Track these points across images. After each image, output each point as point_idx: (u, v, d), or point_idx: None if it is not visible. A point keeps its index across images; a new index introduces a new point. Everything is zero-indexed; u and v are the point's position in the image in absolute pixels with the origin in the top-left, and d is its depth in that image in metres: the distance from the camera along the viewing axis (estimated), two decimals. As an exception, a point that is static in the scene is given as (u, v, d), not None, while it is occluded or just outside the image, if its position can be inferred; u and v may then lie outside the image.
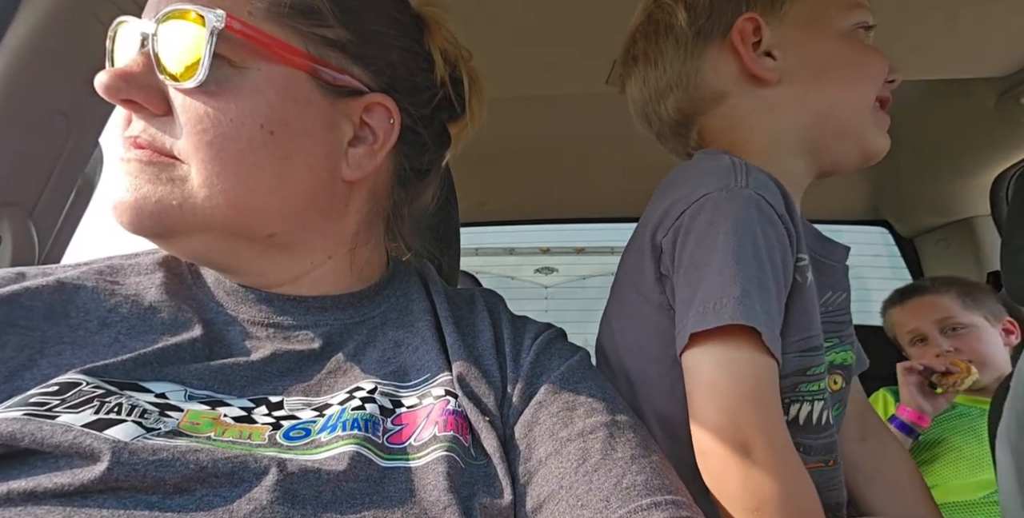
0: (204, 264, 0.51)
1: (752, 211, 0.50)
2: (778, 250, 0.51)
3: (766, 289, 0.48)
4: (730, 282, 0.47)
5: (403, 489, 0.38)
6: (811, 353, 0.55)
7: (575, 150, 1.62)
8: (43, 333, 0.42)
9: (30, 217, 0.71)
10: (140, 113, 0.43)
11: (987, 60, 1.11)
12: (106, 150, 0.41)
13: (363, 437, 0.40)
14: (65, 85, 0.72)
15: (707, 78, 0.64)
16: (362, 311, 0.52)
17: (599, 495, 0.39)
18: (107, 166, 0.42)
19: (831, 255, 0.64)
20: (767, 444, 0.44)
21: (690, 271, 0.51)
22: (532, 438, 0.45)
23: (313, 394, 0.45)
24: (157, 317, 0.45)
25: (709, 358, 0.48)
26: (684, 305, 0.50)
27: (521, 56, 1.08)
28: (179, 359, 0.43)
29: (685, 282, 0.51)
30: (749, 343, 0.46)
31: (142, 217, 0.42)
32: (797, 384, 0.55)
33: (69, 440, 0.34)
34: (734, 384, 0.46)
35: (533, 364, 0.50)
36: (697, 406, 0.47)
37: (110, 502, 0.33)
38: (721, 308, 0.46)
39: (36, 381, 0.39)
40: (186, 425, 0.38)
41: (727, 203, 0.51)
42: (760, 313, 0.46)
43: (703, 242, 0.51)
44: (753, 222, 0.50)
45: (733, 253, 0.48)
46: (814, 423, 0.56)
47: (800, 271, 0.55)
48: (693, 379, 0.48)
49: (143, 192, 0.42)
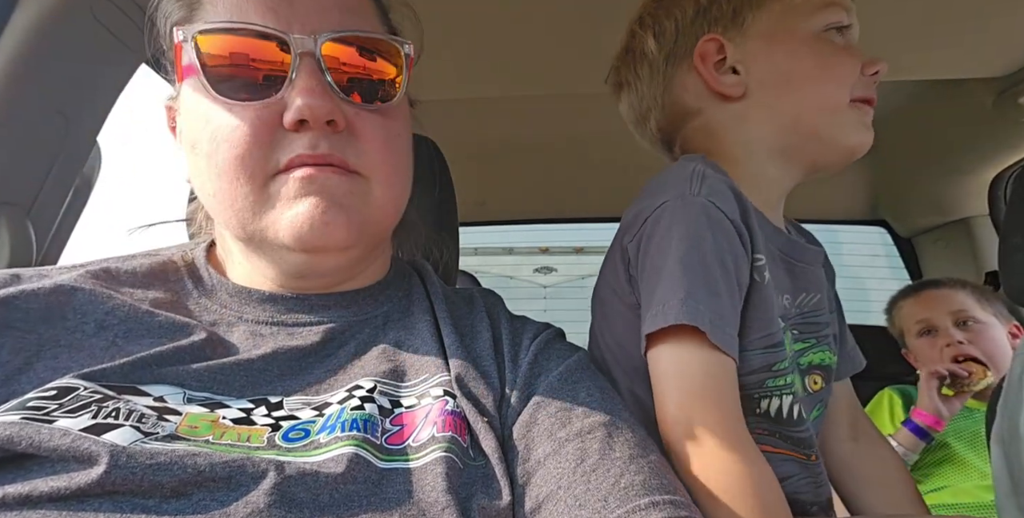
0: (308, 275, 0.50)
1: (702, 218, 0.54)
2: (728, 252, 0.54)
3: (713, 291, 0.51)
4: (677, 285, 0.51)
5: (401, 490, 0.38)
6: (773, 349, 0.58)
7: (574, 150, 1.62)
8: (39, 336, 0.42)
9: (27, 216, 0.70)
10: (326, 131, 0.44)
11: (985, 60, 1.11)
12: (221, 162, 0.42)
13: (361, 438, 0.40)
14: (63, 84, 0.71)
15: (679, 97, 0.68)
16: (365, 309, 0.53)
17: (597, 495, 0.39)
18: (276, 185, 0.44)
19: (802, 257, 0.67)
20: (719, 436, 0.47)
21: (649, 274, 0.55)
22: (531, 439, 0.45)
23: (313, 393, 0.45)
24: (155, 321, 0.45)
25: (662, 357, 0.52)
26: (644, 308, 0.54)
27: (520, 56, 1.08)
28: (178, 360, 0.43)
29: (645, 285, 0.55)
30: (695, 342, 0.50)
31: (350, 231, 0.45)
32: (764, 380, 0.58)
33: (67, 444, 0.33)
34: (684, 380, 0.50)
35: (531, 364, 0.50)
36: (657, 402, 0.51)
37: (106, 506, 0.32)
38: (668, 309, 0.50)
39: (33, 385, 0.39)
40: (184, 429, 0.38)
41: (680, 211, 0.55)
42: (704, 312, 0.50)
43: (659, 247, 0.55)
44: (702, 228, 0.53)
45: (681, 258, 0.52)
46: (785, 416, 0.59)
47: (758, 271, 0.57)
48: (652, 377, 0.52)
49: (346, 204, 0.45)
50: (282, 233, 0.44)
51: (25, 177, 0.70)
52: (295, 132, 0.44)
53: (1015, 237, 0.78)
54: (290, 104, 0.43)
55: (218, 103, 0.44)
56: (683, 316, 0.49)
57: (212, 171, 0.45)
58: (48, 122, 0.71)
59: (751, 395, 0.58)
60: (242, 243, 0.49)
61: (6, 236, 0.67)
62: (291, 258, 0.48)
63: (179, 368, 0.43)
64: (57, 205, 0.75)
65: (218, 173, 0.44)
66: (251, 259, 0.50)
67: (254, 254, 0.49)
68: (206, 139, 0.44)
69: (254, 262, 0.50)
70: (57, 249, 0.77)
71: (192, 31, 0.43)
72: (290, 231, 0.44)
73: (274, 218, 0.44)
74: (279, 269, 0.49)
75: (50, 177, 0.72)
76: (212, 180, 0.45)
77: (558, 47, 1.06)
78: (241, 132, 0.43)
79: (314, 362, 0.47)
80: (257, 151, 0.43)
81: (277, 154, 0.44)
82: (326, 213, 0.44)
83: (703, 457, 0.47)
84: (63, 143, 0.73)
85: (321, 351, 0.48)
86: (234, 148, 0.43)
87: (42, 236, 0.73)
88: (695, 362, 0.50)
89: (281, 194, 0.44)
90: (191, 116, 0.46)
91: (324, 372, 0.47)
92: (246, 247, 0.49)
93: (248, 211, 0.45)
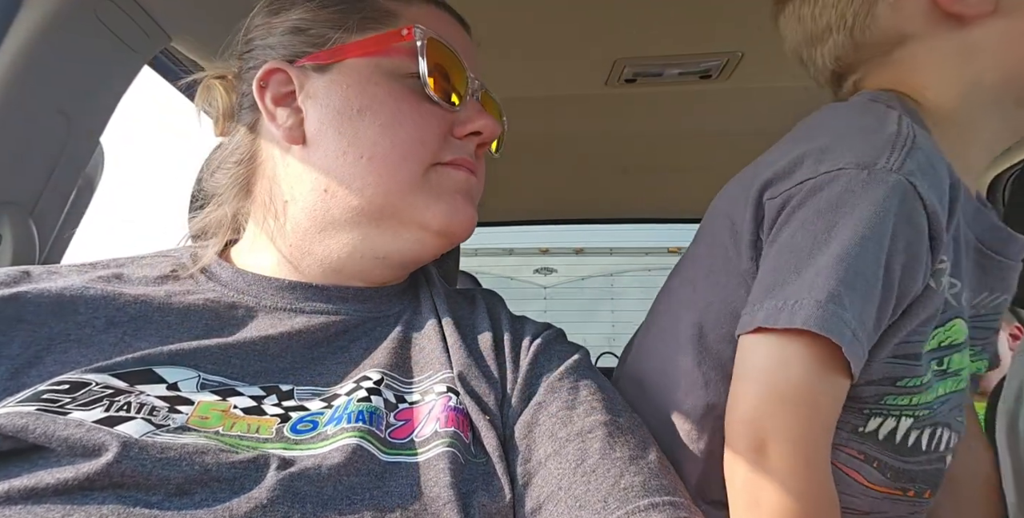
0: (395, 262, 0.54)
1: (891, 205, 0.42)
2: (903, 255, 0.43)
3: (868, 296, 0.41)
4: (823, 282, 0.41)
5: (404, 484, 0.38)
6: (906, 361, 0.47)
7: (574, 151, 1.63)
8: (50, 329, 0.42)
9: (31, 216, 0.71)
10: (477, 152, 0.56)
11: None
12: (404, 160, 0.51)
13: (366, 430, 0.40)
14: (66, 85, 0.72)
15: (881, 16, 0.51)
16: (380, 307, 0.54)
17: (597, 496, 0.39)
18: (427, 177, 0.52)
19: (1004, 250, 0.53)
20: (787, 454, 0.40)
21: (783, 253, 0.44)
22: (532, 439, 0.45)
23: (323, 384, 0.46)
24: (164, 320, 0.46)
25: (765, 351, 0.43)
26: (763, 288, 0.44)
27: (520, 57, 1.08)
28: (194, 342, 0.44)
29: (774, 263, 0.45)
30: (816, 350, 0.41)
31: (473, 229, 0.54)
32: (883, 394, 0.48)
33: (80, 434, 0.34)
34: (777, 384, 0.42)
35: (532, 364, 0.50)
36: (735, 393, 0.44)
37: (111, 499, 0.33)
38: (799, 309, 0.41)
39: (42, 378, 0.39)
40: (195, 420, 0.39)
41: (863, 188, 0.42)
42: (848, 323, 0.40)
43: (813, 224, 0.43)
44: (886, 220, 0.41)
45: (843, 251, 0.41)
46: (899, 441, 0.49)
47: (936, 276, 0.46)
48: (742, 365, 0.45)
49: (474, 208, 0.55)
50: (432, 213, 0.51)
51: (28, 177, 0.71)
52: (459, 140, 0.53)
53: (1013, 239, 0.78)
54: (470, 119, 0.53)
55: (410, 91, 0.51)
56: (818, 323, 0.40)
57: (384, 141, 0.49)
58: (51, 122, 0.71)
59: (860, 409, 0.48)
60: (355, 214, 0.50)
61: (9, 235, 0.67)
62: (411, 236, 0.52)
63: (195, 350, 0.43)
64: (60, 205, 0.75)
65: (391, 145, 0.49)
66: (334, 235, 0.52)
67: (353, 228, 0.51)
68: (388, 112, 0.50)
69: (333, 239, 0.52)
70: (60, 249, 0.78)
71: (430, 33, 0.50)
72: (443, 214, 0.51)
73: (427, 201, 0.51)
74: (367, 247, 0.52)
75: (53, 177, 0.73)
76: (377, 147, 0.49)
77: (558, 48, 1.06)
78: (428, 121, 0.51)
79: (326, 353, 0.48)
80: (433, 142, 0.51)
81: (445, 150, 0.52)
82: (471, 209, 0.54)
83: (761, 469, 0.41)
84: (66, 143, 0.73)
85: (334, 342, 0.49)
86: (420, 130, 0.50)
87: (45, 236, 0.73)
88: (799, 370, 0.42)
89: (441, 183, 0.52)
90: (367, 89, 0.50)
91: (335, 364, 0.48)
92: (357, 218, 0.51)
93: (404, 185, 0.50)
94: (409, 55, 0.50)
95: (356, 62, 0.51)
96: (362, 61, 0.51)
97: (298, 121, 0.51)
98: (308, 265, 0.53)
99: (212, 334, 0.46)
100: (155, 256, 0.55)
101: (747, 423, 0.42)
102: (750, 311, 0.44)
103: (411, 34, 0.50)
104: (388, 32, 0.51)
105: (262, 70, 0.52)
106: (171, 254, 0.56)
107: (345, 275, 0.53)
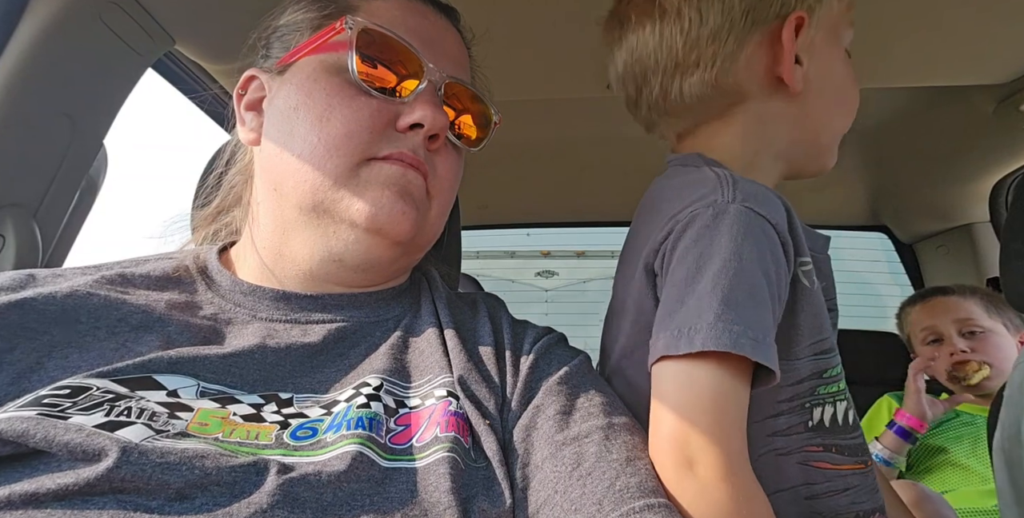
0: (343, 261, 0.52)
1: (738, 228, 0.48)
2: (771, 262, 0.48)
3: (757, 304, 0.46)
4: (706, 307, 0.45)
5: (404, 490, 0.38)
6: (825, 355, 0.54)
7: (576, 154, 1.63)
8: (52, 337, 0.42)
9: (34, 218, 0.71)
10: (425, 144, 0.51)
11: (986, 67, 1.12)
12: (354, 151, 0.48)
13: (366, 436, 0.40)
14: (70, 87, 0.72)
15: (738, 71, 0.57)
16: (377, 312, 0.54)
17: (592, 498, 0.39)
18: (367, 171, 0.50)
19: (817, 247, 0.61)
20: (716, 465, 0.42)
21: (671, 289, 0.49)
22: (530, 442, 0.45)
23: (322, 391, 0.46)
24: (166, 328, 0.46)
25: (673, 376, 0.46)
26: (661, 322, 0.49)
27: (522, 60, 1.09)
28: (193, 352, 0.44)
29: (665, 298, 0.50)
30: (718, 365, 0.44)
31: (412, 229, 0.50)
32: (815, 387, 0.54)
33: (80, 439, 0.34)
34: (692, 403, 0.45)
35: (532, 369, 0.50)
36: (656, 418, 0.46)
37: (110, 504, 0.33)
38: (694, 334, 0.44)
39: (43, 383, 0.39)
40: (195, 427, 0.39)
41: (713, 221, 0.49)
42: (744, 333, 0.44)
43: (684, 259, 0.49)
44: (739, 239, 0.47)
45: (714, 275, 0.46)
46: (840, 423, 0.55)
47: (806, 276, 0.52)
48: (657, 392, 0.47)
49: (416, 206, 0.51)
50: (356, 208, 0.48)
51: (31, 179, 0.71)
52: (402, 133, 0.50)
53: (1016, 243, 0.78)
54: (413, 110, 0.50)
55: (347, 84, 0.49)
56: (714, 342, 0.43)
57: (311, 136, 0.48)
58: (55, 125, 0.71)
59: (802, 405, 0.53)
60: (299, 212, 0.50)
61: (12, 237, 0.68)
62: (347, 234, 0.50)
63: (194, 359, 0.43)
64: (63, 207, 0.76)
65: (318, 140, 0.48)
66: (293, 236, 0.51)
67: (304, 228, 0.51)
68: (319, 107, 0.49)
69: (294, 240, 0.51)
70: (63, 251, 0.78)
71: (364, 23, 0.49)
72: (367, 209, 0.48)
73: (354, 195, 0.49)
74: (320, 248, 0.51)
75: (56, 179, 0.73)
76: (305, 143, 0.49)
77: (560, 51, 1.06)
78: (359, 114, 0.49)
79: (325, 360, 0.48)
80: (366, 135, 0.49)
81: (380, 144, 0.49)
82: (404, 204, 0.49)
83: (697, 482, 0.42)
84: (70, 145, 0.74)
85: (333, 349, 0.49)
86: (348, 124, 0.48)
87: (48, 238, 0.74)
88: (708, 386, 0.44)
89: (371, 178, 0.49)
90: (305, 86, 0.50)
91: (335, 371, 0.48)
92: (302, 216, 0.50)
93: (330, 180, 0.48)
94: (347, 48, 0.50)
95: (304, 61, 0.52)
96: (308, 59, 0.51)
97: (259, 124, 0.53)
98: (284, 270, 0.52)
99: (211, 344, 0.46)
100: (159, 259, 0.55)
101: (672, 442, 0.44)
102: (652, 343, 0.48)
103: (342, 26, 0.49)
104: (327, 28, 0.51)
105: (243, 78, 0.54)
106: (173, 257, 0.56)
107: (321, 280, 0.53)
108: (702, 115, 0.61)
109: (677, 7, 0.57)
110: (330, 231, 0.50)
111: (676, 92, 0.59)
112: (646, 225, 0.57)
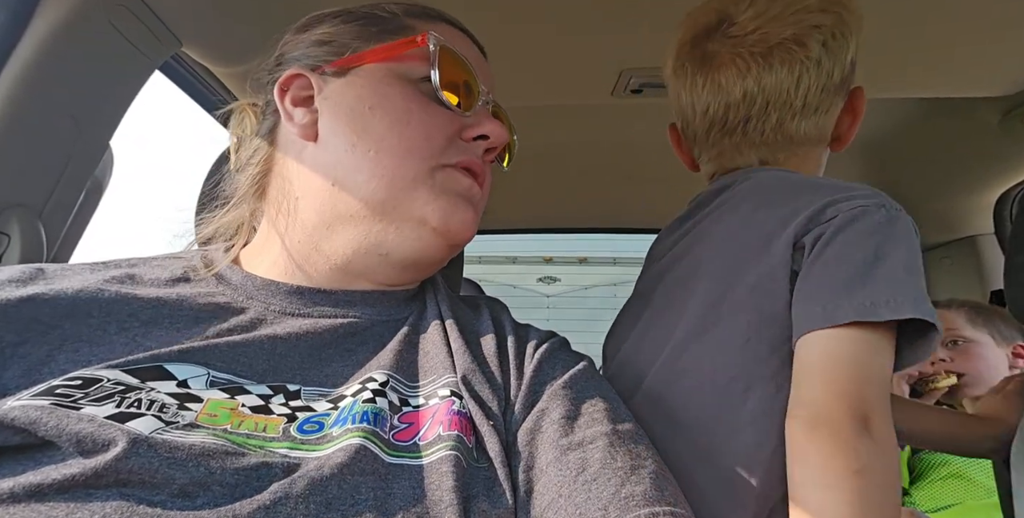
0: (396, 264, 0.54)
1: (912, 234, 0.56)
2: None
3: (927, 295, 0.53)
4: (904, 284, 0.51)
5: (407, 486, 0.38)
6: None
7: (579, 160, 1.63)
8: (63, 331, 0.43)
9: (39, 218, 0.71)
10: (484, 157, 0.56)
11: (991, 79, 1.12)
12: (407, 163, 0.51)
13: (370, 431, 0.40)
14: (77, 89, 0.73)
15: (830, 121, 0.69)
16: (389, 311, 0.55)
17: (597, 504, 0.39)
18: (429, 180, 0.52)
19: None
20: (886, 426, 0.48)
21: (845, 266, 0.53)
22: (534, 446, 0.45)
23: (330, 385, 0.46)
24: (175, 324, 0.46)
25: (862, 341, 0.51)
26: (830, 293, 0.53)
27: (526, 66, 1.09)
28: (203, 340, 0.45)
29: (834, 273, 0.53)
30: (892, 335, 0.52)
31: (471, 235, 0.54)
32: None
33: (91, 429, 0.34)
34: (875, 368, 0.51)
35: (536, 371, 0.50)
36: (830, 379, 0.50)
37: (114, 496, 0.33)
38: (898, 305, 0.50)
39: (54, 376, 0.40)
40: (204, 418, 0.39)
41: (888, 220, 0.55)
42: (933, 312, 0.51)
43: (863, 246, 0.54)
44: (913, 242, 0.55)
45: (904, 263, 0.53)
46: None
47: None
48: (832, 355, 0.51)
49: (476, 214, 0.55)
50: (431, 208, 0.51)
51: (37, 179, 0.71)
52: (466, 143, 0.54)
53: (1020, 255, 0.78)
54: (479, 123, 0.54)
55: (420, 93, 0.52)
56: (924, 313, 0.49)
57: (391, 136, 0.51)
58: (61, 125, 0.72)
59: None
60: (362, 206, 0.51)
61: (17, 237, 0.68)
62: (410, 231, 0.52)
63: (205, 348, 0.44)
64: (68, 207, 0.76)
65: (398, 140, 0.51)
66: (340, 230, 0.52)
67: (359, 222, 0.52)
68: (398, 110, 0.51)
69: (340, 234, 0.52)
70: (67, 251, 0.78)
71: (444, 41, 0.52)
72: (441, 212, 0.51)
73: (427, 197, 0.51)
74: (370, 242, 0.52)
75: (62, 180, 0.73)
76: (384, 142, 0.51)
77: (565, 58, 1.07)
78: (435, 120, 0.52)
79: (333, 354, 0.49)
80: (441, 140, 0.52)
81: (451, 151, 0.52)
82: (473, 213, 0.54)
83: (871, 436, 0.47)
84: (76, 146, 0.74)
85: (341, 344, 0.50)
86: (427, 128, 0.51)
87: (53, 238, 0.74)
88: (886, 355, 0.51)
89: (446, 183, 0.52)
90: (380, 89, 0.52)
91: (342, 366, 0.48)
92: (364, 210, 0.51)
93: (407, 179, 0.51)
94: (422, 60, 0.52)
95: (372, 67, 0.53)
96: (377, 66, 0.53)
97: (313, 120, 0.53)
98: (314, 263, 0.53)
99: (222, 335, 0.47)
100: (166, 258, 0.55)
101: (851, 399, 0.48)
102: (825, 310, 0.52)
103: (425, 40, 0.52)
104: (403, 40, 0.53)
105: (284, 75, 0.54)
106: (182, 256, 0.56)
107: (351, 275, 0.54)
108: (793, 150, 0.70)
109: (818, 59, 0.65)
110: (391, 227, 0.51)
111: (791, 128, 0.68)
112: (797, 205, 0.60)
